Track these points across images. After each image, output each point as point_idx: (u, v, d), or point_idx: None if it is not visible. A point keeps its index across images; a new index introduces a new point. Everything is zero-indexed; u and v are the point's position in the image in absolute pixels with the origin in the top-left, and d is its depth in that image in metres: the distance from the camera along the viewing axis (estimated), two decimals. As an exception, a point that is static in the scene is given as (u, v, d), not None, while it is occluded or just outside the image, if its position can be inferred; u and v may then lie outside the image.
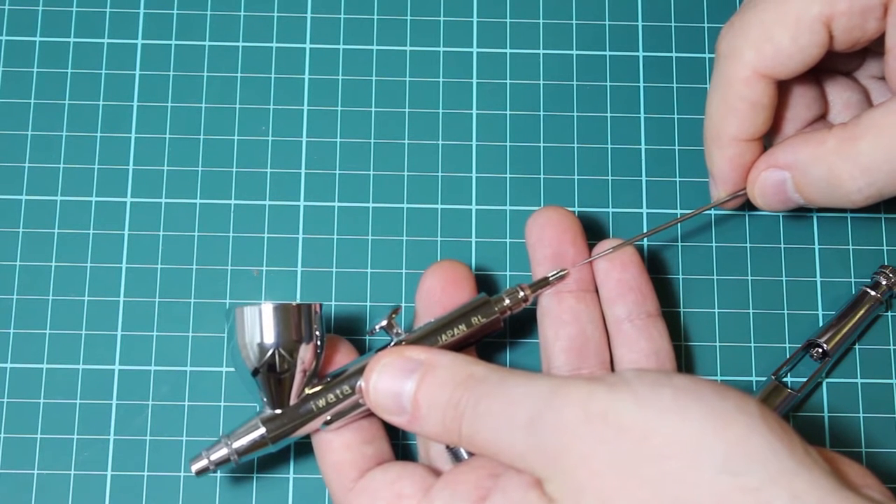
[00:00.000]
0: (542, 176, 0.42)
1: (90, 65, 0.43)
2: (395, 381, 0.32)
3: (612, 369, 0.37)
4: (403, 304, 0.41)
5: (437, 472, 0.34)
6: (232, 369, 0.40)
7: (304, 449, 0.39)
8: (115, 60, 0.43)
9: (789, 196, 0.37)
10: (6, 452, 0.39)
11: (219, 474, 0.39)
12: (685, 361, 0.41)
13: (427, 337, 0.35)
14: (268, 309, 0.34)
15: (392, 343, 0.35)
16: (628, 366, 0.37)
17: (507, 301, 0.36)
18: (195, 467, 0.34)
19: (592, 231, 0.42)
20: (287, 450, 0.39)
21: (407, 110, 0.43)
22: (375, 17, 0.44)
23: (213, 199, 0.42)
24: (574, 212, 0.42)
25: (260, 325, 0.33)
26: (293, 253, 0.41)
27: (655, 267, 0.42)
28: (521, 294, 0.36)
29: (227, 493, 0.39)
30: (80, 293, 0.41)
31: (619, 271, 0.37)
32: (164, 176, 0.42)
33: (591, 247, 0.38)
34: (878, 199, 0.35)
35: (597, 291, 0.38)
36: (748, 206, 0.39)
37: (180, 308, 0.41)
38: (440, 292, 0.36)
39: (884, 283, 0.41)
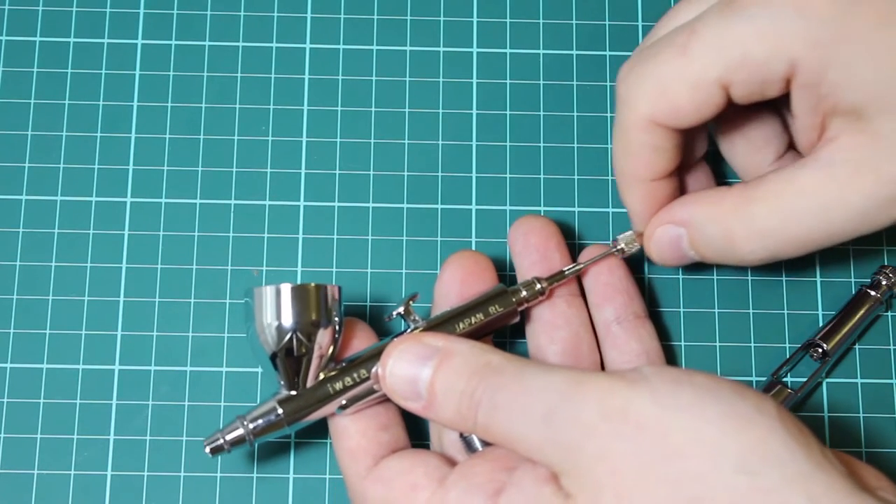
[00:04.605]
0: (542, 176, 0.42)
1: (90, 65, 0.43)
2: (411, 367, 0.32)
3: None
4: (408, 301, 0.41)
5: (451, 462, 0.34)
6: (233, 369, 0.40)
7: (305, 448, 0.39)
8: (115, 60, 0.43)
9: (684, 252, 0.36)
10: (6, 452, 0.39)
11: (219, 473, 0.39)
12: (685, 362, 0.41)
13: (443, 325, 0.35)
14: (286, 290, 0.33)
15: (409, 330, 0.35)
16: (619, 368, 0.37)
17: (524, 293, 0.36)
18: (210, 447, 0.34)
19: (593, 231, 0.42)
20: (287, 449, 0.39)
21: (407, 110, 0.43)
22: (375, 17, 0.44)
23: (213, 199, 0.42)
24: (574, 212, 0.42)
25: (278, 307, 0.33)
26: (293, 253, 0.41)
27: (655, 267, 0.42)
28: (539, 286, 0.36)
29: (227, 492, 0.39)
30: (80, 293, 0.41)
31: (606, 275, 0.38)
32: (164, 176, 0.42)
33: (570, 248, 0.38)
34: (771, 261, 0.34)
35: (583, 296, 0.38)
36: None
37: (180, 308, 0.41)
38: (460, 283, 0.36)
39: (884, 283, 0.41)
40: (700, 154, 0.38)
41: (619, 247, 0.38)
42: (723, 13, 0.32)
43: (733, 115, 0.37)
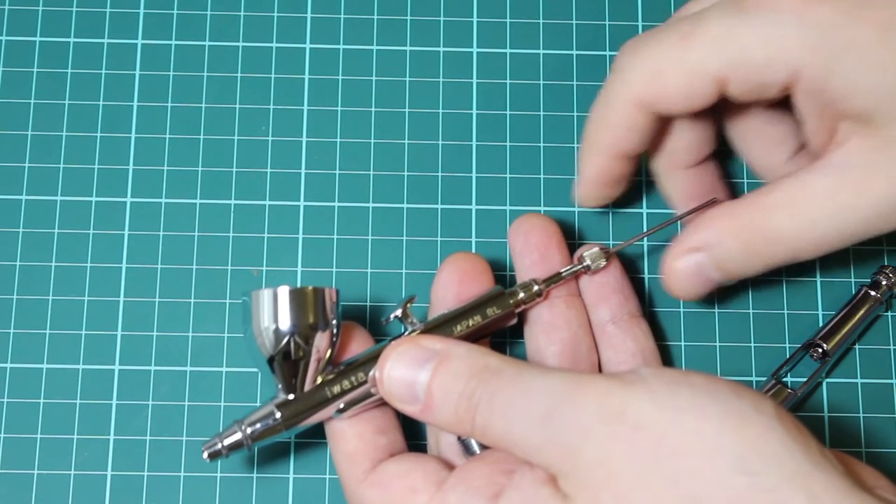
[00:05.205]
0: (542, 176, 0.42)
1: (90, 65, 0.43)
2: (409, 370, 0.32)
3: (601, 371, 0.38)
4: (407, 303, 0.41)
5: (449, 465, 0.33)
6: (233, 369, 0.40)
7: (304, 449, 0.39)
8: (115, 60, 0.43)
9: (709, 276, 0.35)
10: (6, 452, 0.39)
11: (219, 473, 0.39)
12: (685, 362, 0.41)
13: (441, 327, 0.35)
14: (284, 293, 0.33)
15: (406, 333, 0.35)
16: (616, 367, 0.37)
17: (521, 294, 0.36)
18: (208, 452, 0.34)
19: (593, 231, 0.42)
20: (287, 449, 0.39)
21: (407, 110, 0.43)
22: (375, 17, 0.44)
23: (213, 199, 0.42)
24: (574, 212, 0.42)
25: (275, 310, 0.33)
26: (293, 253, 0.41)
27: (656, 267, 0.42)
28: (536, 288, 0.36)
29: (227, 493, 0.39)
30: (80, 293, 0.41)
31: (601, 274, 0.38)
32: (164, 176, 0.42)
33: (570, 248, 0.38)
34: (794, 262, 0.34)
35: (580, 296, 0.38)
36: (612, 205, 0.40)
37: (180, 308, 0.41)
38: (457, 285, 0.36)
39: (884, 283, 0.41)
40: (706, 152, 0.39)
41: (584, 263, 0.37)
42: (730, 10, 0.33)
43: (748, 112, 0.37)
